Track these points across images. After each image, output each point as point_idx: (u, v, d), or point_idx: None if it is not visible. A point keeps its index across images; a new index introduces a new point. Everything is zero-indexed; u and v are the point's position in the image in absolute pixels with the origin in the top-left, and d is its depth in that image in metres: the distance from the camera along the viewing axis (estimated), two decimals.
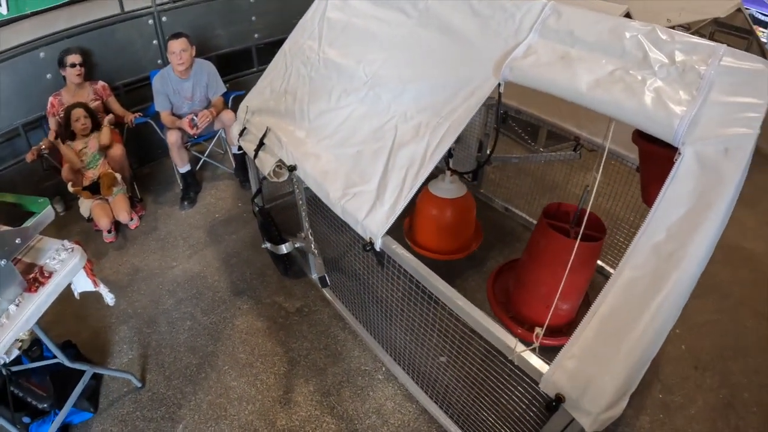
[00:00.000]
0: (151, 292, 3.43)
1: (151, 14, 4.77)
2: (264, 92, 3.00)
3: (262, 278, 3.44)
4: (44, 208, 2.08)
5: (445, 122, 2.02)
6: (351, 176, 2.20)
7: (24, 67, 4.34)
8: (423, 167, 1.98)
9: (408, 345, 2.55)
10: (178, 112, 4.19)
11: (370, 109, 2.35)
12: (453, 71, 2.14)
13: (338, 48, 2.71)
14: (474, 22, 2.16)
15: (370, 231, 2.02)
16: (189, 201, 4.33)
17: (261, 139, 2.74)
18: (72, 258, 2.15)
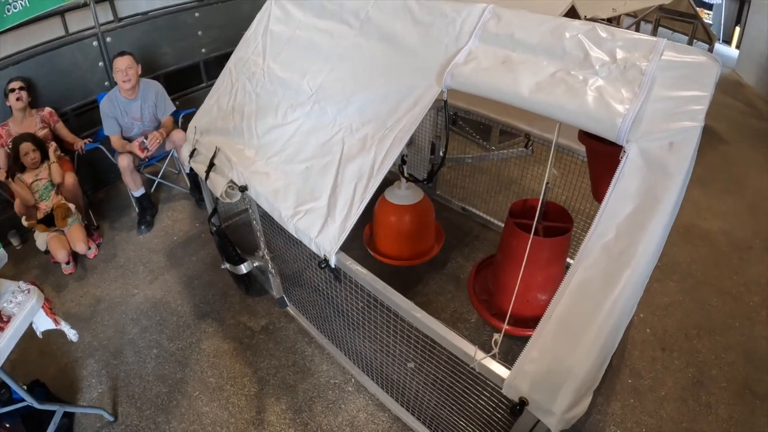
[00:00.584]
0: (115, 323, 3.37)
1: (95, 36, 4.68)
2: (211, 111, 2.96)
3: (225, 299, 3.40)
4: None
5: (390, 133, 2.02)
6: (301, 193, 2.18)
7: None
8: (371, 180, 1.98)
9: (375, 355, 2.54)
10: (127, 134, 4.11)
11: (317, 123, 2.33)
12: (396, 81, 2.13)
13: (282, 62, 2.70)
14: (415, 29, 2.16)
15: (324, 248, 2.00)
16: (146, 225, 4.26)
17: (211, 160, 2.70)
18: (29, 300, 2.11)
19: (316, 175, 2.17)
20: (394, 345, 2.28)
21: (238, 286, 3.37)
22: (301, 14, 2.74)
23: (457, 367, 1.89)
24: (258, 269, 3.08)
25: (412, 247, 3.17)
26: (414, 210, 3.03)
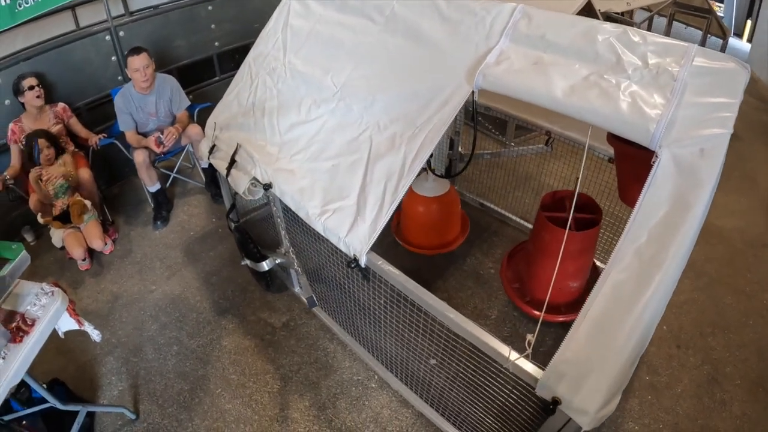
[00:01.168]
0: (134, 319, 3.38)
1: (107, 30, 4.66)
2: (231, 106, 2.95)
3: (245, 295, 3.40)
4: (19, 253, 2.03)
5: (420, 133, 2.01)
6: (328, 191, 2.17)
7: None
8: (402, 180, 1.97)
9: (398, 351, 2.55)
10: (143, 129, 4.11)
11: (342, 120, 2.32)
12: (424, 79, 2.11)
13: (304, 57, 2.68)
14: (443, 27, 2.14)
15: (354, 248, 2.00)
16: (162, 220, 4.26)
17: (232, 156, 2.69)
18: (53, 302, 2.10)
19: (344, 174, 2.16)
20: (418, 341, 2.29)
21: (258, 283, 3.37)
22: (322, 9, 2.71)
23: (483, 365, 1.90)
24: (279, 266, 3.08)
25: (438, 237, 3.24)
26: (440, 201, 3.08)
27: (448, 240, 3.28)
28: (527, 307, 2.91)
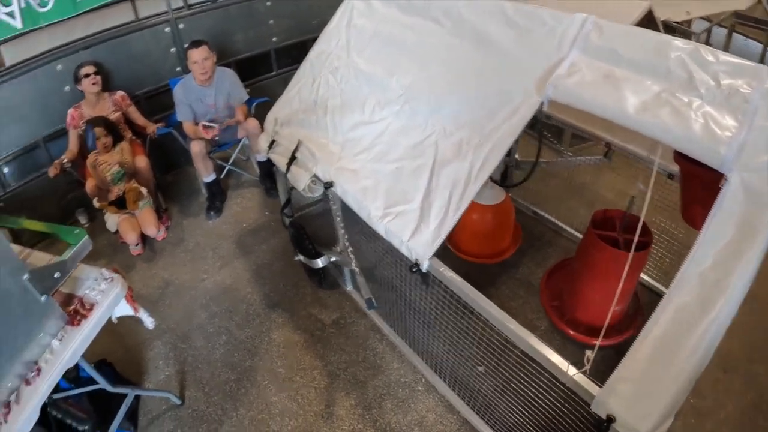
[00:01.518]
0: (184, 306, 3.45)
1: (167, 22, 4.76)
2: (292, 103, 2.98)
3: (296, 290, 3.43)
4: (81, 239, 2.05)
5: (488, 141, 1.99)
6: (392, 194, 2.18)
7: (42, 80, 4.36)
8: (468, 188, 1.96)
9: (447, 355, 2.54)
10: (201, 120, 4.17)
11: (407, 123, 2.32)
12: (492, 86, 2.09)
13: (368, 57, 2.69)
14: (511, 33, 2.10)
15: (417, 253, 2.00)
16: (215, 211, 4.33)
17: (293, 153, 2.72)
18: (113, 288, 2.15)
19: (408, 177, 2.17)
20: (468, 346, 2.29)
21: (311, 279, 3.40)
22: (386, 9, 2.71)
23: (536, 376, 1.90)
24: (333, 263, 3.10)
25: (490, 246, 3.21)
26: (496, 210, 3.06)
27: (500, 249, 3.26)
28: (565, 326, 2.88)
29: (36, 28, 4.19)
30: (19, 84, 4.37)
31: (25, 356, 1.87)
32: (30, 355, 1.89)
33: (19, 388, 1.86)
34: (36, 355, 1.91)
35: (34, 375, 1.88)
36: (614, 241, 2.59)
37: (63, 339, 1.97)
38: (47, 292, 1.89)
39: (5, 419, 1.78)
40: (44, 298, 1.88)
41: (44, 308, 1.91)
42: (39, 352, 1.92)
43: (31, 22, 4.11)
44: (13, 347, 1.82)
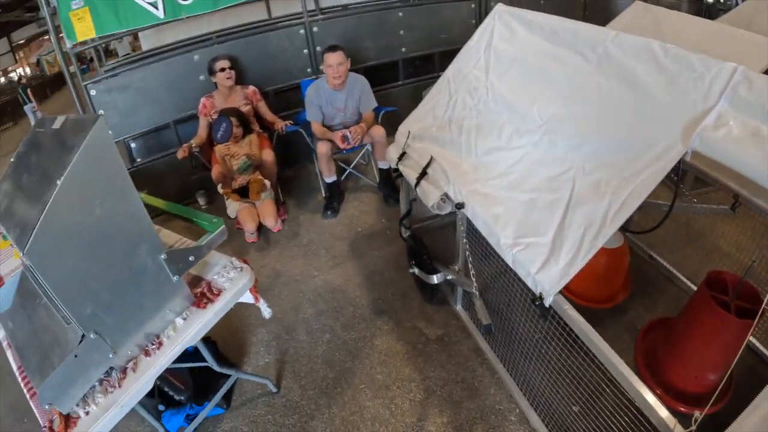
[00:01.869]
0: (292, 299, 3.56)
1: (302, 24, 4.96)
2: (426, 118, 3.00)
3: (404, 300, 3.45)
4: (218, 227, 2.15)
5: (627, 185, 1.92)
6: (523, 224, 2.15)
7: (178, 68, 4.73)
8: (603, 229, 1.90)
9: (545, 389, 2.50)
10: (329, 122, 4.33)
11: (545, 155, 2.28)
12: (637, 129, 2.02)
13: (508, 83, 2.66)
14: (659, 76, 2.02)
15: (542, 287, 1.97)
16: (332, 211, 4.46)
17: (424, 168, 2.74)
18: (242, 278, 2.24)
19: (542, 210, 2.13)
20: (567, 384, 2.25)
21: (421, 292, 3.41)
22: (529, 35, 2.67)
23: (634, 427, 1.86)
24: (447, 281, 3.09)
25: (600, 290, 3.08)
26: (611, 254, 2.93)
27: (610, 294, 3.13)
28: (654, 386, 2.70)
29: (176, 19, 4.51)
30: (157, 69, 4.75)
31: (149, 328, 1.99)
32: (153, 329, 2.01)
33: (138, 357, 1.97)
34: (159, 329, 2.03)
35: (155, 347, 1.99)
36: (725, 305, 2.41)
37: (187, 318, 2.08)
38: (179, 274, 2.00)
39: (120, 384, 1.89)
40: (176, 279, 1.99)
41: (174, 288, 2.02)
42: (162, 326, 2.03)
43: (172, 13, 4.44)
44: (139, 319, 1.94)
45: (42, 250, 1.58)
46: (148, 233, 1.85)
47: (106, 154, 1.66)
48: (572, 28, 2.41)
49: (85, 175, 1.62)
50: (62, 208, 1.59)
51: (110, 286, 1.79)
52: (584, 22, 2.41)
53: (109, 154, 1.67)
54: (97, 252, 1.72)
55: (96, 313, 1.76)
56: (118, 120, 4.69)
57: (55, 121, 1.93)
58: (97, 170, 1.65)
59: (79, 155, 1.58)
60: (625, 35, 2.17)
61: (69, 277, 1.67)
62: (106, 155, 1.66)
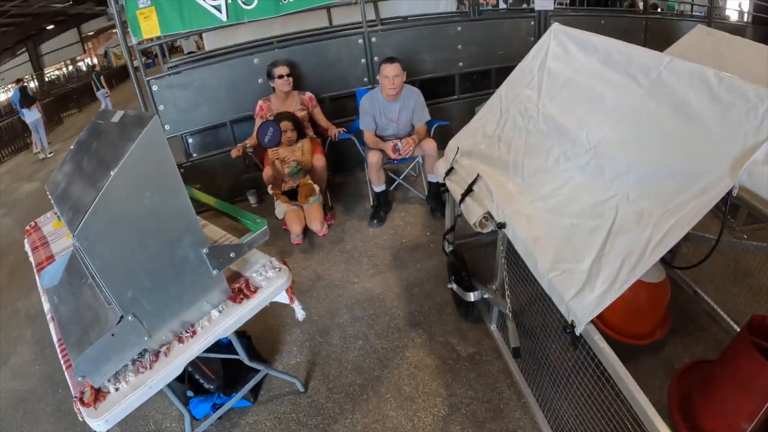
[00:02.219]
0: (330, 303, 3.61)
1: (361, 33, 5.03)
2: (475, 135, 3.01)
3: (440, 315, 3.43)
4: (261, 228, 2.21)
5: (671, 216, 1.87)
6: (562, 249, 2.13)
7: (238, 69, 4.87)
8: (642, 262, 1.85)
9: (570, 419, 2.44)
10: (381, 133, 4.37)
11: (591, 180, 2.26)
12: (685, 159, 1.97)
13: (559, 104, 2.64)
14: (711, 106, 1.96)
15: (575, 314, 1.94)
16: (378, 220, 4.49)
17: (470, 185, 2.74)
18: (279, 278, 2.29)
19: (582, 236, 2.10)
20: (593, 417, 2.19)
21: (458, 308, 3.40)
22: (583, 56, 2.64)
23: None
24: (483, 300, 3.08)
25: (636, 325, 2.96)
26: (651, 289, 2.83)
27: (646, 330, 3.01)
28: None
29: (239, 23, 4.68)
30: (218, 70, 4.93)
31: (185, 317, 2.06)
32: (189, 317, 2.08)
33: (172, 342, 2.04)
34: (195, 318, 2.10)
35: (189, 335, 2.06)
36: (765, 352, 2.31)
37: (223, 311, 2.14)
38: (220, 268, 2.07)
39: (151, 366, 1.96)
40: (215, 273, 2.06)
41: (213, 281, 2.09)
42: (198, 316, 2.11)
43: (235, 17, 4.61)
44: (177, 307, 2.01)
45: (91, 235, 1.66)
46: (192, 227, 1.92)
47: (159, 150, 1.74)
48: (627, 52, 2.38)
49: (138, 168, 1.70)
50: (114, 196, 1.67)
51: (152, 274, 1.86)
52: (640, 46, 2.37)
53: (161, 150, 1.74)
54: (143, 241, 1.80)
55: (136, 297, 1.84)
56: (177, 115, 4.88)
57: (115, 114, 2.04)
58: (149, 164, 1.73)
59: (133, 149, 1.66)
60: (679, 61, 2.13)
61: (114, 262, 1.75)
62: (158, 151, 1.74)
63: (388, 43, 5.17)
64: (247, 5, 4.58)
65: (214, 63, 4.99)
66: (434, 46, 5.39)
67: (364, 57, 5.12)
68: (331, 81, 5.09)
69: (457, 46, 5.47)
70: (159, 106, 4.80)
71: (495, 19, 5.73)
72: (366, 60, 5.12)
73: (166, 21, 4.46)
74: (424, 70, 5.39)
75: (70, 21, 24.19)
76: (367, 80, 5.17)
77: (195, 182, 5.15)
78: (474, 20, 5.60)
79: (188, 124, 4.98)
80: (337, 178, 5.14)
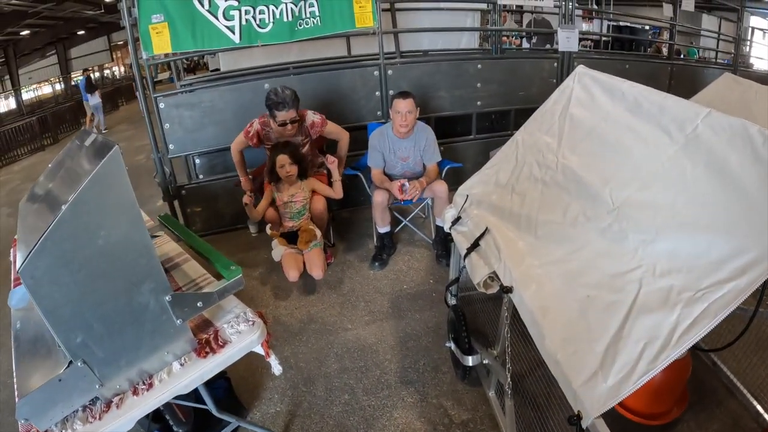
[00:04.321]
0: (319, 349, 3.37)
1: (377, 65, 4.89)
2: (488, 183, 2.79)
3: (435, 373, 3.15)
4: (234, 276, 2.00)
5: (704, 299, 1.61)
6: (574, 325, 1.87)
7: (247, 93, 4.78)
8: (667, 350, 1.60)
9: None
10: (390, 171, 4.18)
11: (612, 247, 2.00)
12: (722, 230, 1.70)
13: (581, 155, 2.39)
14: (754, 168, 1.69)
15: (583, 404, 1.67)
16: (380, 262, 4.28)
17: (477, 239, 2.50)
18: (251, 332, 2.06)
19: (598, 312, 1.85)
20: None
21: (455, 368, 3.12)
22: (610, 103, 2.38)
23: None
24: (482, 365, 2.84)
25: (651, 406, 2.69)
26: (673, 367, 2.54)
27: (659, 411, 2.73)
28: None
29: (252, 45, 4.59)
30: (226, 92, 4.85)
31: (144, 366, 1.87)
32: (148, 367, 1.88)
33: (126, 393, 1.85)
34: (155, 368, 1.90)
35: (145, 388, 1.86)
36: None
37: (184, 365, 1.93)
38: (184, 318, 1.87)
39: (100, 417, 1.77)
40: (179, 323, 1.86)
41: (177, 331, 1.89)
42: (158, 366, 1.91)
43: (248, 39, 4.52)
44: (134, 356, 1.83)
45: (37, 273, 1.49)
46: (154, 272, 1.72)
47: (118, 184, 1.56)
48: (659, 101, 2.12)
49: (93, 204, 1.52)
50: (64, 234, 1.50)
51: (105, 320, 1.68)
52: (673, 95, 2.10)
53: (120, 186, 1.56)
54: (95, 284, 1.62)
55: (86, 343, 1.67)
56: (182, 135, 4.74)
57: (89, 137, 1.88)
58: (106, 200, 1.55)
59: (88, 183, 1.49)
60: (719, 114, 1.87)
61: (61, 304, 1.57)
62: (117, 186, 1.56)
63: (404, 76, 5.01)
64: (262, 28, 4.48)
65: (223, 85, 4.86)
66: (452, 83, 5.22)
67: (379, 89, 4.96)
68: (343, 112, 4.92)
69: (476, 84, 5.30)
70: (165, 125, 4.67)
71: (517, 59, 5.58)
72: (381, 93, 4.96)
73: (178, 38, 4.35)
74: (440, 107, 5.22)
75: (101, 29, 24.63)
76: (380, 114, 5.00)
77: (196, 205, 5.01)
78: (495, 58, 5.46)
79: (193, 145, 4.84)
80: (343, 214, 4.94)
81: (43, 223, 1.56)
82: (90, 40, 25.45)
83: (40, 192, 2.00)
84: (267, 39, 4.50)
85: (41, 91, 23.92)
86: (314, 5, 4.52)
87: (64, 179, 1.81)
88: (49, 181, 1.98)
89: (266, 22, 4.47)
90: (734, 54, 8.38)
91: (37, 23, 19.98)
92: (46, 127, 14.48)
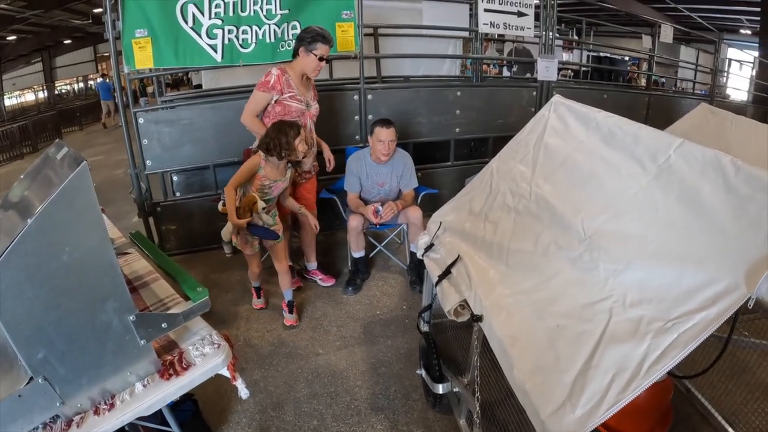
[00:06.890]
0: (289, 374, 3.31)
1: (357, 90, 4.91)
2: (462, 210, 2.79)
3: (406, 400, 3.11)
4: (201, 298, 1.96)
5: (673, 330, 1.62)
6: (543, 355, 1.86)
7: (227, 113, 4.71)
8: (636, 381, 1.60)
9: None
10: (366, 196, 4.17)
11: (583, 276, 2.00)
12: (693, 260, 1.71)
13: (555, 185, 2.41)
14: (727, 200, 1.71)
15: None
16: (354, 287, 4.25)
17: (449, 267, 2.49)
18: (216, 356, 2.00)
19: (567, 342, 1.84)
20: None
21: (426, 396, 3.07)
22: (584, 133, 2.42)
23: None
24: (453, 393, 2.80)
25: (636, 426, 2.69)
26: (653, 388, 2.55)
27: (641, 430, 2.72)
28: None
29: (234, 65, 4.63)
30: (205, 110, 4.80)
31: (106, 385, 1.81)
32: (111, 386, 1.83)
33: (87, 413, 1.79)
34: (118, 388, 1.84)
35: (106, 408, 1.80)
36: None
37: (147, 386, 1.87)
38: (148, 339, 1.82)
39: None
40: (143, 343, 1.81)
41: (140, 351, 1.83)
42: (122, 386, 1.85)
43: (230, 59, 4.55)
44: (96, 375, 1.77)
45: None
46: (118, 291, 1.68)
47: (84, 201, 1.52)
48: (633, 131, 2.15)
49: (59, 219, 1.49)
50: (28, 248, 1.46)
51: (67, 336, 1.64)
52: (648, 126, 2.14)
53: (87, 202, 1.53)
54: (58, 299, 1.57)
55: (48, 359, 1.62)
56: (160, 151, 4.69)
57: (61, 150, 1.82)
58: (72, 216, 1.51)
59: (55, 197, 1.45)
60: (691, 145, 1.90)
61: (23, 318, 1.53)
62: (83, 203, 1.52)
63: (384, 101, 5.04)
64: (245, 48, 4.50)
65: (204, 103, 4.84)
66: (431, 109, 5.27)
67: (358, 114, 4.98)
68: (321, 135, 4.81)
69: (456, 110, 5.35)
70: (143, 140, 4.61)
71: (496, 87, 5.64)
72: (360, 117, 4.98)
73: (161, 54, 4.33)
74: (418, 132, 5.25)
75: (87, 39, 24.35)
76: (358, 138, 5.01)
77: (171, 223, 4.95)
78: (475, 86, 5.51)
79: (170, 162, 4.78)
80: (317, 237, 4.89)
81: (7, 236, 1.51)
82: (76, 50, 25.26)
83: (9, 202, 1.92)
84: (249, 59, 4.53)
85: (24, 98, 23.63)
86: (297, 27, 4.55)
87: (33, 191, 1.75)
88: (20, 191, 1.91)
89: (249, 42, 4.49)
90: (711, 85, 8.58)
91: (24, 29, 19.84)
92: (26, 135, 14.49)
